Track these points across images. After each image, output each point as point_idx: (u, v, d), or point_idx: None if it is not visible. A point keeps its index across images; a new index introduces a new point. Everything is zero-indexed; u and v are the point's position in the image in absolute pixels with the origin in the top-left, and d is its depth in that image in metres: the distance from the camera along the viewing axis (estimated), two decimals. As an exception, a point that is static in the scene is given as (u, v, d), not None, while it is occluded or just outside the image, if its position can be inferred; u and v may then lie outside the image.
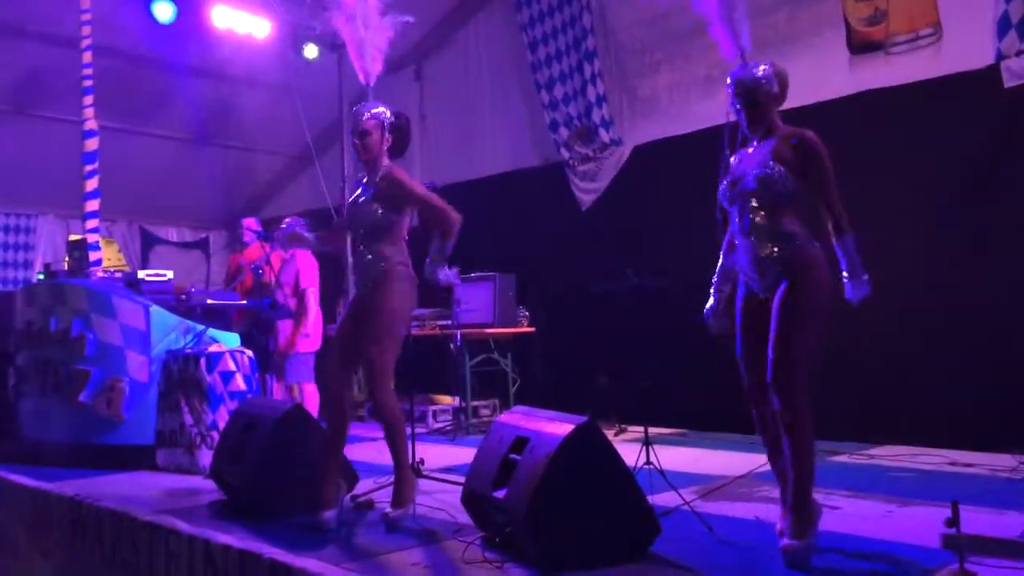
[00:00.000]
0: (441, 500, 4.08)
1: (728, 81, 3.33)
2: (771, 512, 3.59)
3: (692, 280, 3.99)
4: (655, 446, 4.19)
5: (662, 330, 5.37)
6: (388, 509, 3.81)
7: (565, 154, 7.65)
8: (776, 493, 3.36)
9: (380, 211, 3.87)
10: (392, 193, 3.89)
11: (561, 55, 7.61)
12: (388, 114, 3.96)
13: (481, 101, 8.65)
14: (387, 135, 3.95)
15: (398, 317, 3.89)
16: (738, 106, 3.28)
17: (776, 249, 3.16)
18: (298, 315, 6.38)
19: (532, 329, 7.24)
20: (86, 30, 6.49)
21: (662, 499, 3.74)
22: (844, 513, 3.73)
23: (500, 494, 3.27)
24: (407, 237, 3.98)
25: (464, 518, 3.65)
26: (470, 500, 3.58)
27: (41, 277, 6.47)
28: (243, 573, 3.31)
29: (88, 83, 6.52)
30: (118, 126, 8.29)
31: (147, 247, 10.90)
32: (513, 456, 3.32)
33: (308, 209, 8.86)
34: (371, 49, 4.13)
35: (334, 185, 8.65)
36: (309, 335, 6.37)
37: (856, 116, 5.71)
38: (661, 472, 3.95)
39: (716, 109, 6.48)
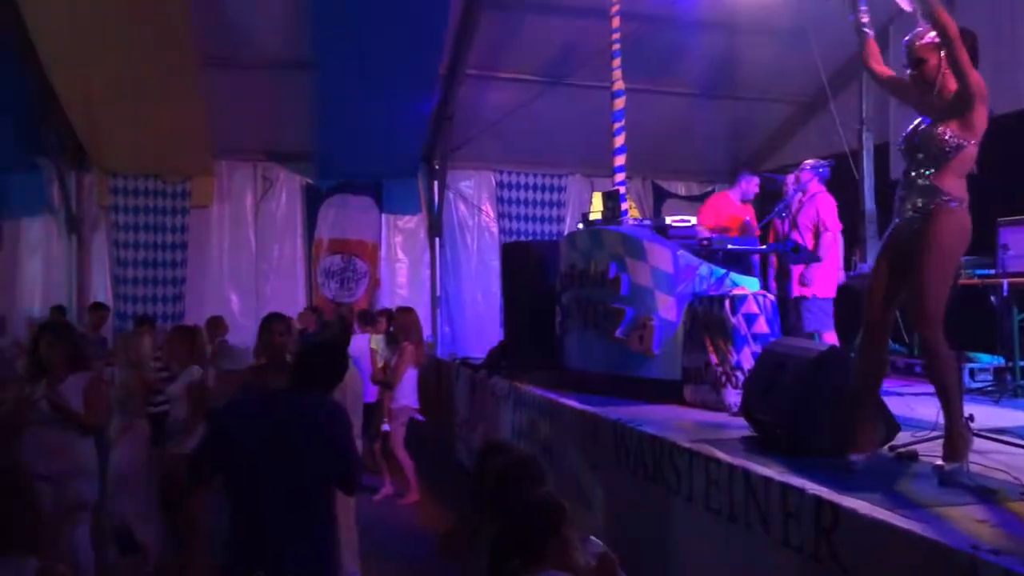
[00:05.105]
0: (998, 461, 3.64)
1: None
2: None
3: None
4: None
5: None
6: (939, 462, 3.52)
7: None
8: None
9: (948, 135, 3.56)
10: (956, 102, 3.54)
11: None
12: None
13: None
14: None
15: (950, 256, 3.61)
16: None
17: None
18: (816, 258, 6.21)
19: (1108, 279, 6.03)
20: (615, -4, 7.02)
21: None
22: None
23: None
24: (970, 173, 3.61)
25: (1031, 482, 3.22)
26: (1045, 462, 3.14)
27: (581, 226, 7.22)
28: (784, 506, 3.33)
29: (616, 47, 7.05)
30: (635, 86, 8.86)
31: (659, 201, 11.55)
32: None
33: (818, 156, 8.53)
34: None
35: (849, 129, 8.21)
36: (827, 279, 6.16)
37: None
38: None
39: None
